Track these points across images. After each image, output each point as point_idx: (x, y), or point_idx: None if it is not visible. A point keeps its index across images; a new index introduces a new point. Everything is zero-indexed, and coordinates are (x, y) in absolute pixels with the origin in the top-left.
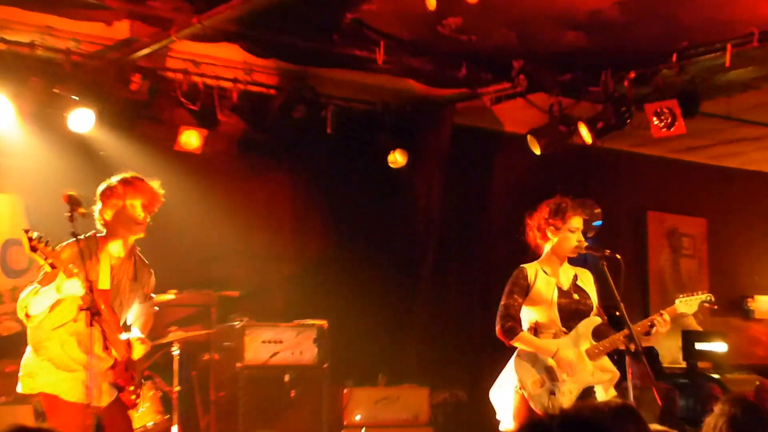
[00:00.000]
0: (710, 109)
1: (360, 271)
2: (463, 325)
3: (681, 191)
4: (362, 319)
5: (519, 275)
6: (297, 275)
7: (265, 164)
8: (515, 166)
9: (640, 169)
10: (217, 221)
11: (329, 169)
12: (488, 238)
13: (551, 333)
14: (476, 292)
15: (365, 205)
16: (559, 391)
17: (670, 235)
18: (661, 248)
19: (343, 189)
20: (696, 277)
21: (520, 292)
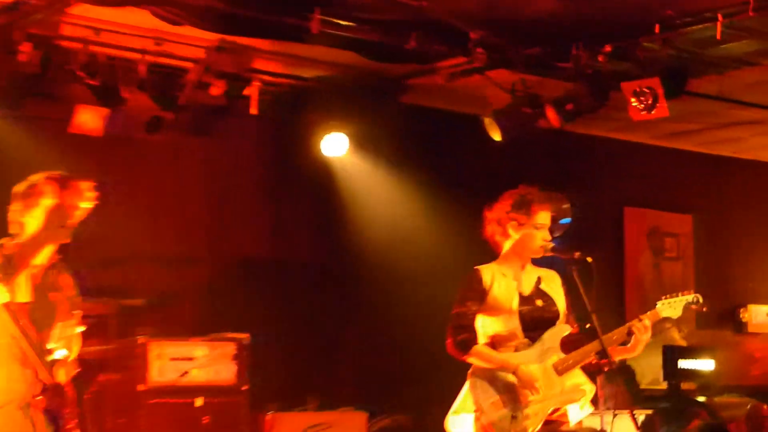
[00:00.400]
0: (699, 88)
1: (288, 276)
2: (409, 338)
3: (664, 184)
4: (290, 332)
5: (473, 279)
6: (213, 281)
7: (177, 150)
8: (473, 153)
9: (617, 158)
10: (119, 216)
11: (253, 156)
12: (440, 236)
13: (512, 346)
14: (424, 300)
15: (296, 198)
16: (522, 414)
17: (650, 234)
18: (640, 250)
19: (270, 179)
20: (680, 283)
21: (475, 298)
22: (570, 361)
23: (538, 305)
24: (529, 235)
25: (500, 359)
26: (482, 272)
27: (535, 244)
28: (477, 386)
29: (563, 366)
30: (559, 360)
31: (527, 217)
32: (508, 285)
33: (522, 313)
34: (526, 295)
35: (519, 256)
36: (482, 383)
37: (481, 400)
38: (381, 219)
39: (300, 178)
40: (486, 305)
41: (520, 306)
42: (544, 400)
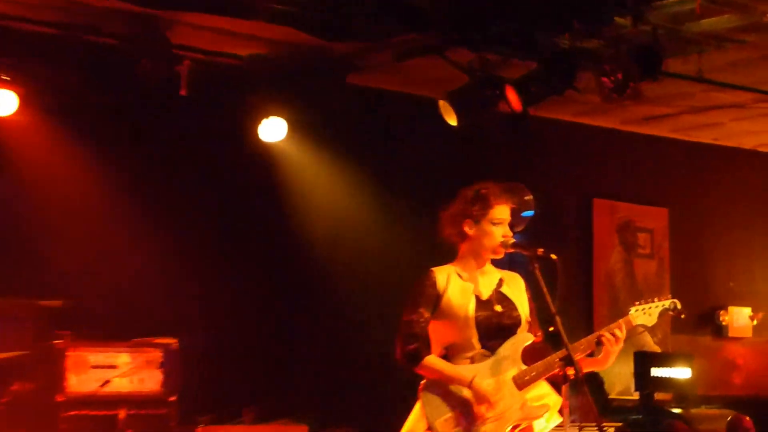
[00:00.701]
0: (676, 68)
1: (222, 275)
2: (356, 345)
3: (637, 173)
4: (223, 336)
5: (426, 282)
6: (139, 280)
7: (98, 135)
8: (427, 140)
9: (585, 145)
10: (31, 207)
11: (183, 141)
12: (391, 232)
13: (467, 357)
14: (373, 302)
15: (231, 189)
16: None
17: (622, 229)
18: (610, 246)
19: (202, 168)
20: (655, 282)
21: (428, 303)
22: (532, 374)
23: (497, 311)
24: (487, 231)
25: (453, 372)
26: (436, 274)
27: (493, 242)
28: (429, 400)
29: (524, 379)
30: (519, 372)
31: (483, 213)
32: (464, 288)
33: (479, 320)
34: (485, 299)
35: (476, 256)
36: (434, 398)
37: (433, 417)
38: (325, 213)
39: (235, 166)
40: (440, 311)
41: (477, 312)
42: (502, 418)
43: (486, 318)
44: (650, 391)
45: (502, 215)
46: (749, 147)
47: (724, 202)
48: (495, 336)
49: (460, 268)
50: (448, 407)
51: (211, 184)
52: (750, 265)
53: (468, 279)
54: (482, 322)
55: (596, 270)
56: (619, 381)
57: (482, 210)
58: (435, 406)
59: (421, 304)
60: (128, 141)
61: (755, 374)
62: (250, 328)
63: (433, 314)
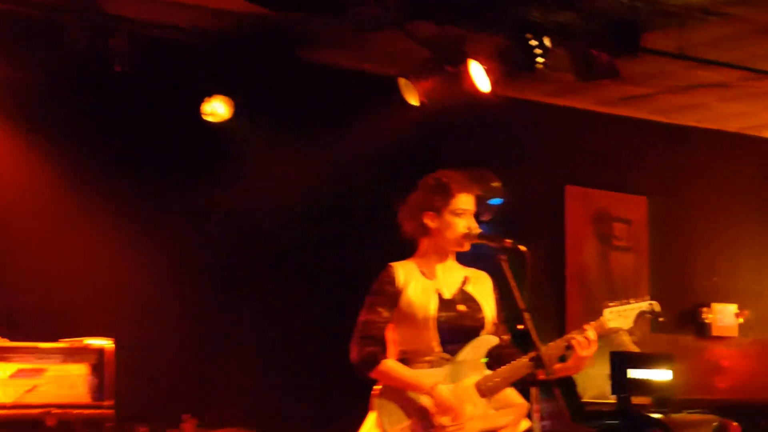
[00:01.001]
0: (656, 44)
1: (161, 270)
2: (308, 349)
3: (613, 159)
4: (164, 337)
5: (384, 279)
6: (69, 274)
7: (23, 118)
8: (386, 121)
9: (557, 128)
10: None
11: (119, 123)
12: (346, 227)
13: (427, 361)
14: (328, 304)
15: (171, 176)
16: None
17: (597, 219)
18: (584, 237)
19: (139, 152)
20: (633, 278)
21: (386, 302)
22: (496, 380)
23: (461, 311)
24: (449, 223)
25: (411, 377)
26: (396, 270)
27: (456, 234)
28: (384, 408)
29: (487, 385)
30: (483, 378)
31: (445, 203)
32: (426, 286)
33: (440, 321)
34: (447, 298)
35: (439, 250)
36: (389, 406)
37: (387, 426)
38: (274, 201)
39: (175, 150)
40: (399, 310)
41: (439, 312)
42: (463, 428)
43: (448, 319)
44: (628, 395)
45: (465, 205)
46: (735, 130)
47: (708, 190)
48: (457, 339)
49: (421, 264)
50: (404, 415)
51: (149, 170)
52: (736, 258)
53: (430, 276)
54: (444, 324)
55: (569, 264)
56: (593, 384)
57: (444, 200)
58: (390, 413)
59: (378, 304)
60: (58, 124)
61: (741, 377)
62: (191, 330)
63: (392, 314)
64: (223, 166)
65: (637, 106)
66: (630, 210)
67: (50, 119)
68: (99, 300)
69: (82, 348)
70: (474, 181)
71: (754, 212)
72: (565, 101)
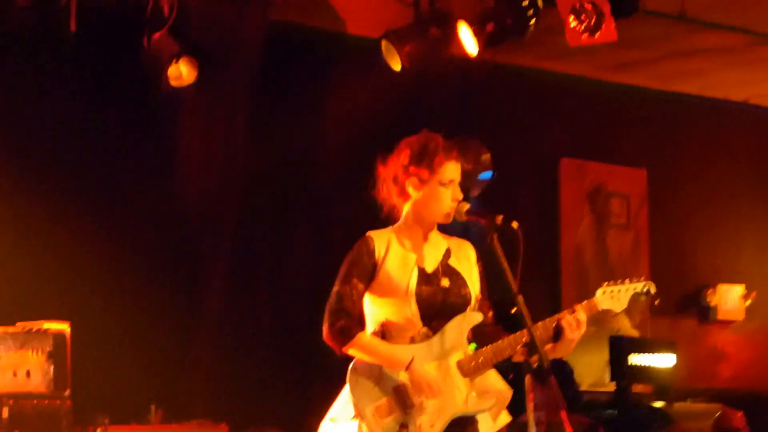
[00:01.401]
0: (656, 5)
1: (122, 250)
2: (279, 331)
3: (611, 129)
4: (125, 321)
5: (362, 249)
6: (24, 251)
7: None
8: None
9: (551, 96)
10: None
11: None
12: (320, 198)
13: (406, 337)
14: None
15: (130, 149)
16: (414, 425)
17: (593, 194)
18: (579, 214)
19: (97, 121)
20: (631, 257)
21: (362, 274)
22: (480, 359)
23: (443, 286)
24: (434, 194)
25: (388, 352)
26: (374, 240)
27: (441, 206)
28: (358, 386)
29: (470, 365)
30: (465, 357)
31: (430, 172)
32: (406, 258)
33: (421, 296)
34: (429, 272)
35: (421, 221)
36: (365, 382)
37: (363, 403)
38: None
39: (138, 117)
40: (376, 283)
41: (419, 286)
42: (443, 408)
43: (430, 294)
44: (627, 383)
45: (451, 175)
46: (739, 99)
47: (711, 162)
48: (439, 315)
49: (401, 235)
50: (380, 392)
51: (108, 140)
52: (741, 236)
53: (410, 248)
54: (425, 299)
55: (564, 243)
56: (591, 371)
57: (430, 168)
58: (365, 391)
59: (354, 275)
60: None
61: (747, 364)
62: (160, 313)
63: (368, 286)
64: (188, 134)
65: (636, 73)
66: (628, 184)
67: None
68: (55, 280)
69: (37, 333)
70: (462, 150)
71: (761, 186)
72: (559, 67)
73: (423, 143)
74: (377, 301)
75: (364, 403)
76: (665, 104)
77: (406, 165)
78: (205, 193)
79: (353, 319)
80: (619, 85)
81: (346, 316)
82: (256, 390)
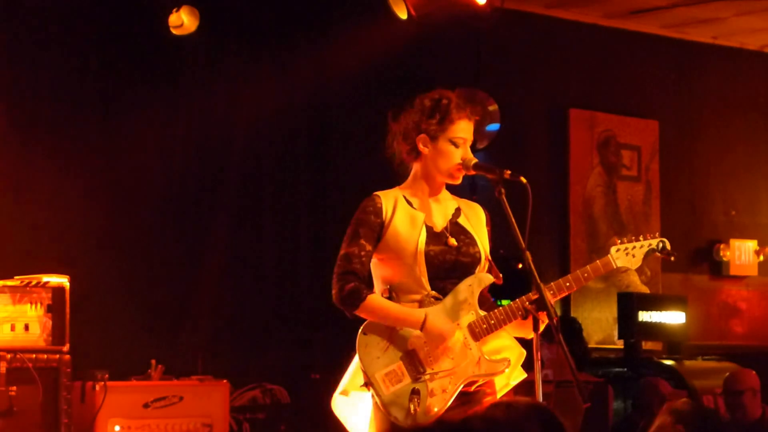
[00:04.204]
0: None
1: (122, 204)
2: (283, 287)
3: (622, 79)
4: (126, 276)
5: (368, 208)
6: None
7: None
8: (370, 36)
9: (560, 44)
10: None
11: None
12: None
13: (415, 299)
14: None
15: (131, 96)
16: (426, 390)
17: (603, 146)
18: (589, 166)
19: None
20: (641, 211)
21: (370, 234)
22: (491, 321)
23: (452, 245)
24: (444, 152)
25: (401, 312)
26: (381, 199)
27: (450, 165)
28: (368, 349)
29: (482, 327)
30: (477, 319)
31: (442, 129)
32: (414, 217)
33: (429, 256)
34: (437, 231)
35: (430, 179)
36: (374, 348)
37: (372, 369)
38: (243, 123)
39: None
40: (384, 243)
41: (428, 246)
42: (454, 373)
43: (438, 253)
44: (636, 340)
45: (464, 134)
46: (755, 48)
47: (724, 114)
48: (448, 275)
49: (409, 194)
50: (390, 358)
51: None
52: (755, 190)
53: (419, 207)
54: (434, 259)
55: (573, 196)
56: (599, 327)
57: (441, 125)
58: (375, 357)
59: (361, 236)
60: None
61: (760, 321)
62: (156, 267)
63: (376, 247)
64: (190, 84)
65: (649, 20)
66: (639, 136)
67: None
68: (55, 233)
69: (36, 285)
70: (472, 106)
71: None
72: (568, 14)
73: (435, 99)
74: (385, 262)
75: (374, 369)
76: (678, 53)
77: (418, 121)
78: (207, 145)
79: (363, 281)
80: (630, 33)
81: (356, 277)
82: (258, 347)
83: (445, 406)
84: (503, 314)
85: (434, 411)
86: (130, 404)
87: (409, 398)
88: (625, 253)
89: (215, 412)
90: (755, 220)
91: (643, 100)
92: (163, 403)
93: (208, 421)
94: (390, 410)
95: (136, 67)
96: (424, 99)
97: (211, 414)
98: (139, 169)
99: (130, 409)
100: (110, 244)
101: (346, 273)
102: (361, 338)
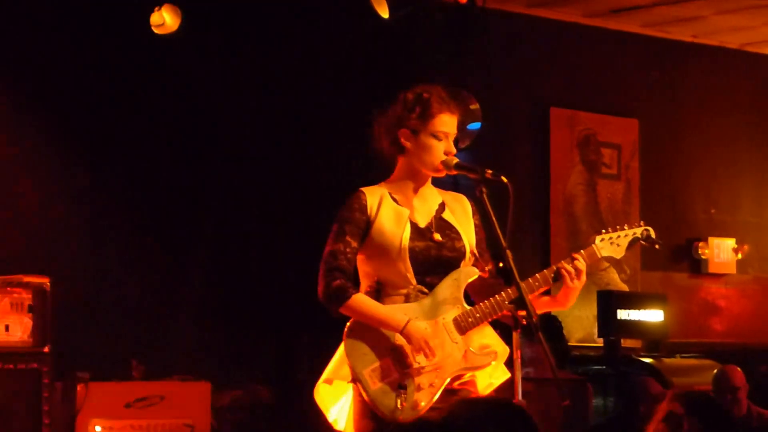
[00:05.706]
0: None
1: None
2: (268, 286)
3: (602, 78)
4: (107, 276)
5: (353, 205)
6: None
7: None
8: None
9: (541, 43)
10: None
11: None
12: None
13: (401, 294)
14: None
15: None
16: (413, 385)
17: (583, 144)
18: (569, 164)
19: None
20: (622, 209)
21: (355, 231)
22: (477, 315)
23: (437, 241)
24: (426, 146)
25: (384, 314)
26: (366, 195)
27: (433, 159)
28: (354, 347)
29: (467, 321)
30: (462, 313)
31: (423, 122)
32: (398, 213)
33: (414, 251)
34: (422, 226)
35: (414, 174)
36: (361, 345)
37: (360, 366)
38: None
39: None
40: (369, 240)
41: (413, 241)
42: (441, 367)
43: (423, 249)
44: (616, 338)
45: (447, 127)
46: (735, 46)
47: (705, 112)
48: (433, 270)
49: (394, 189)
50: (377, 354)
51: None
52: (735, 188)
53: (403, 202)
54: (418, 255)
55: (553, 194)
56: (579, 326)
57: (422, 118)
58: (361, 352)
59: (347, 233)
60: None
61: (739, 318)
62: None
63: (362, 244)
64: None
65: (629, 19)
66: (619, 134)
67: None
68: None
69: (16, 285)
70: (454, 102)
71: (756, 137)
72: (549, 13)
73: (417, 93)
74: (370, 258)
75: (361, 366)
76: (658, 52)
77: (400, 115)
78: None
79: (349, 278)
80: (611, 32)
81: (342, 274)
82: (240, 347)
83: (431, 401)
84: (489, 307)
85: (421, 405)
86: (111, 405)
87: (396, 393)
88: (609, 242)
89: (197, 413)
90: (735, 218)
91: (623, 99)
92: (145, 404)
93: (190, 421)
94: (377, 405)
95: (118, 68)
96: (407, 93)
97: (193, 414)
98: (120, 169)
99: (112, 409)
100: (91, 245)
101: (332, 270)
102: (348, 335)
